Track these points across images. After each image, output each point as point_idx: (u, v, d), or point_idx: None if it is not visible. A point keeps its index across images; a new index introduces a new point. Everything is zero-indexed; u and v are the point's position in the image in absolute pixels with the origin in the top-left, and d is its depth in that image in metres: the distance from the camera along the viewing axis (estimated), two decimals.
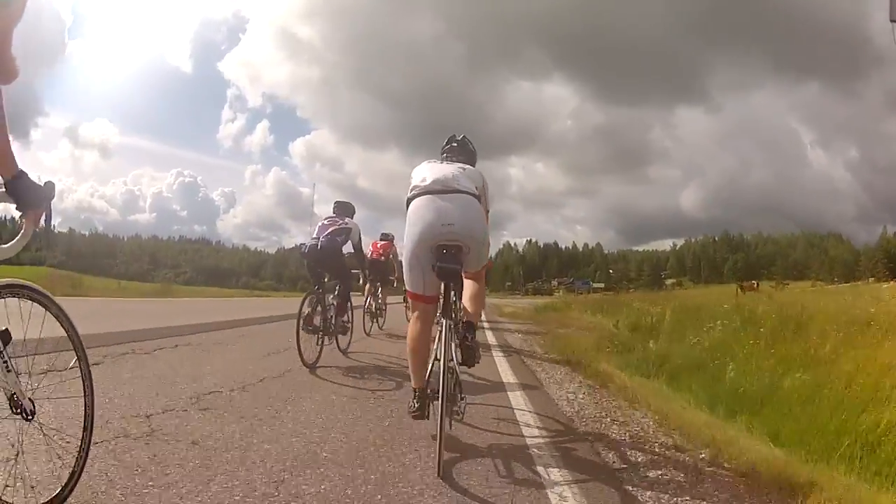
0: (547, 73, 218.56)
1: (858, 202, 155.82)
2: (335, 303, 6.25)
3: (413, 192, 3.29)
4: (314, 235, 6.28)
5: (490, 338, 10.03)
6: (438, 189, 3.23)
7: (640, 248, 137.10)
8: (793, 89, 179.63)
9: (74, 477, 1.96)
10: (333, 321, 6.17)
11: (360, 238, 6.56)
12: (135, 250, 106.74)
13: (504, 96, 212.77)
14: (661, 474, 3.04)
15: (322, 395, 4.37)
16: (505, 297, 66.38)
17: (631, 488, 2.81)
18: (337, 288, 6.40)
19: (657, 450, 3.52)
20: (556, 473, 2.90)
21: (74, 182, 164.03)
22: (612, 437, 3.75)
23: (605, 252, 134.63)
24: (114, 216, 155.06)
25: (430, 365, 3.12)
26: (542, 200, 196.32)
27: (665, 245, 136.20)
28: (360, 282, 8.14)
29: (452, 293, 3.26)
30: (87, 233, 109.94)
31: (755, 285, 41.28)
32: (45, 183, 1.74)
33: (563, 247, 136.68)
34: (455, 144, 3.76)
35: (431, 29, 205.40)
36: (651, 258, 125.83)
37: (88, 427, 2.00)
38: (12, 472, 1.82)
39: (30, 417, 1.78)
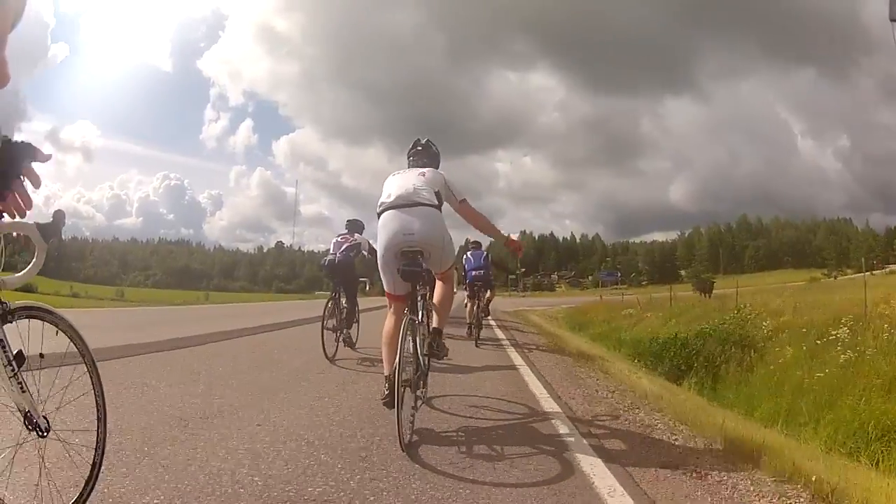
0: (532, 63, 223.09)
1: (849, 191, 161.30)
2: (346, 307, 7.68)
3: (381, 206, 4.08)
4: (331, 252, 7.80)
5: None
6: (401, 203, 4.01)
7: (637, 240, 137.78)
8: (783, 78, 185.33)
9: (89, 486, 2.16)
10: (346, 323, 7.62)
11: (369, 250, 7.60)
12: (105, 254, 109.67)
13: (489, 88, 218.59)
14: None
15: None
16: (503, 296, 65.59)
17: None
18: (346, 294, 7.76)
19: None
20: None
21: (61, 188, 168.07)
22: None
23: (607, 244, 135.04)
24: (100, 221, 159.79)
25: (399, 354, 3.55)
26: (530, 195, 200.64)
27: (652, 238, 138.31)
28: (367, 288, 9.32)
29: (419, 292, 4.08)
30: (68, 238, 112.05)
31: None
32: (55, 212, 1.91)
33: (561, 238, 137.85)
34: (420, 148, 4.55)
35: (412, 20, 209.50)
36: (657, 249, 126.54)
37: (100, 450, 2.19)
38: (36, 487, 2.01)
39: (44, 434, 1.96)
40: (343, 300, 7.69)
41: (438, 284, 4.39)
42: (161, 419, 3.80)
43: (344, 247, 7.75)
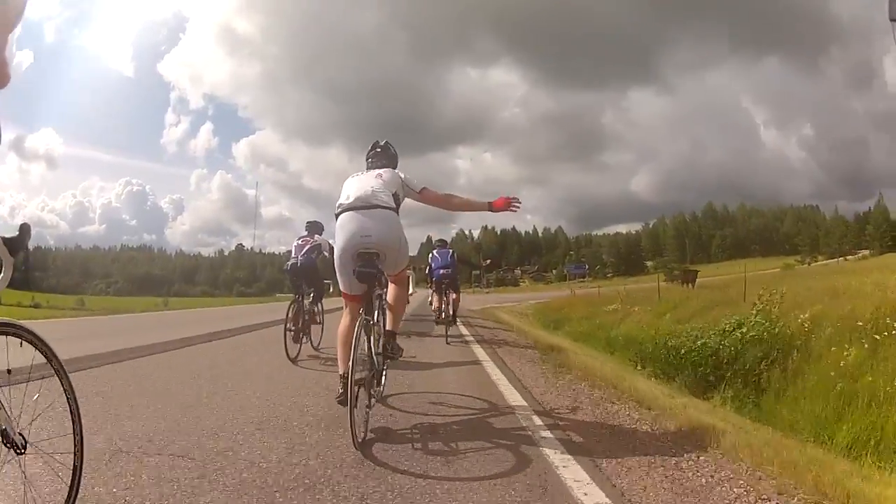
0: (494, 59, 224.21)
1: (814, 179, 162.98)
2: (310, 308, 8.08)
3: (339, 208, 4.24)
4: (293, 255, 8.07)
5: None
6: (359, 205, 4.17)
7: (600, 233, 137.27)
8: (748, 68, 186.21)
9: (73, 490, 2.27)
10: (311, 324, 8.03)
11: (329, 250, 7.70)
12: (67, 263, 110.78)
13: (451, 85, 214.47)
14: None
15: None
16: (467, 292, 63.47)
17: None
18: (311, 296, 8.16)
19: None
20: None
21: (25, 198, 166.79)
22: None
23: (570, 237, 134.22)
24: (64, 229, 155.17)
25: (353, 355, 3.64)
26: (491, 191, 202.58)
27: (615, 230, 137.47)
28: (331, 290, 9.25)
29: (374, 293, 4.24)
30: (32, 248, 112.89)
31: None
32: (21, 225, 2.04)
33: (524, 232, 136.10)
34: (378, 150, 4.74)
35: (374, 18, 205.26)
36: (621, 241, 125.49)
37: (78, 465, 2.26)
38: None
39: (21, 451, 2.02)
40: (306, 302, 8.02)
41: (392, 286, 4.53)
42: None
43: (305, 249, 8.04)
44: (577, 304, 28.01)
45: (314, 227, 8.36)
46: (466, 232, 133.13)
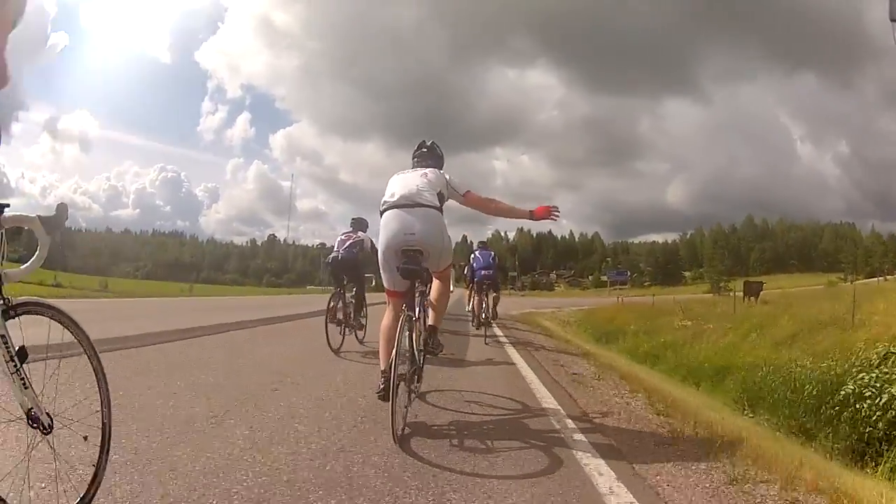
0: (532, 60, 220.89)
1: (847, 197, 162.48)
2: (353, 301, 8.10)
3: (384, 205, 4.25)
4: (336, 249, 8.16)
5: None
6: (404, 203, 4.17)
7: (635, 241, 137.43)
8: (784, 82, 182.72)
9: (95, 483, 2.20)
10: (353, 316, 8.03)
11: (371, 247, 7.75)
12: (96, 244, 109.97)
13: (488, 85, 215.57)
14: None
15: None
16: (502, 294, 62.47)
17: None
18: (354, 290, 8.19)
19: None
20: None
21: (58, 178, 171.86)
22: None
23: (606, 243, 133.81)
24: (97, 212, 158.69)
25: (396, 349, 3.64)
26: (527, 194, 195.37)
27: (648, 239, 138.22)
28: (373, 284, 9.15)
29: (417, 290, 4.20)
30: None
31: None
32: (59, 205, 2.05)
33: (560, 236, 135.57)
34: (425, 150, 4.73)
35: (414, 14, 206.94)
36: (658, 250, 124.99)
37: (106, 437, 2.22)
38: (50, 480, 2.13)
39: (47, 431, 1.97)
40: (348, 295, 8.03)
41: (435, 283, 4.54)
42: None
43: (347, 244, 8.07)
44: (627, 315, 25.49)
45: (359, 224, 8.41)
46: (502, 233, 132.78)
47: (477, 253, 11.45)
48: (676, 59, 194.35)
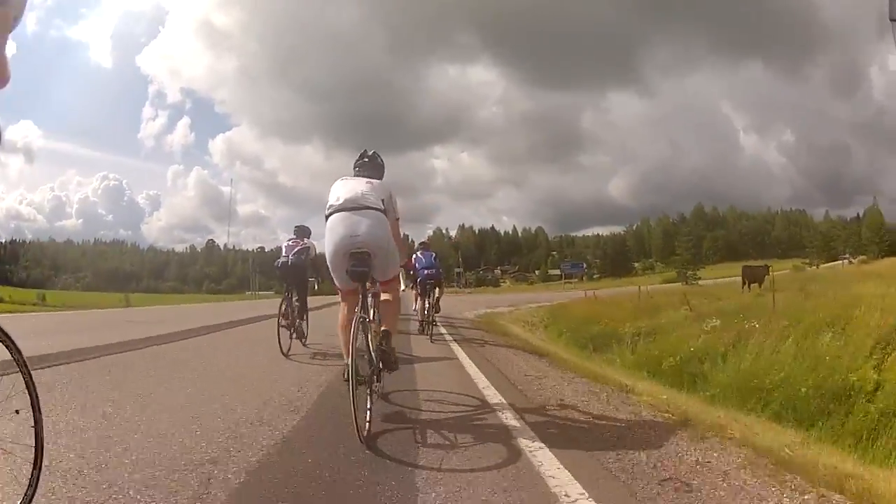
0: (473, 57, 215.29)
1: (794, 185, 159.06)
2: (298, 305, 8.63)
3: (330, 209, 4.42)
4: (283, 255, 8.73)
5: None
6: (350, 206, 4.35)
7: (579, 235, 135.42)
8: (729, 72, 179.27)
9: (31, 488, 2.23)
10: (296, 321, 8.53)
11: (315, 254, 8.56)
12: (38, 256, 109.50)
13: (429, 83, 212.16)
14: None
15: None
16: (447, 293, 57.77)
17: None
18: (297, 294, 8.73)
19: None
20: None
21: (4, 190, 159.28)
22: None
23: (551, 238, 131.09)
24: (42, 223, 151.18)
25: (352, 351, 3.85)
26: (468, 191, 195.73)
27: (593, 232, 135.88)
28: (315, 288, 9.52)
29: (369, 291, 4.52)
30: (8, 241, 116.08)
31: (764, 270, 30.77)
32: None
33: (503, 232, 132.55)
34: (366, 160, 4.94)
35: (354, 15, 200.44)
36: (606, 241, 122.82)
37: (39, 451, 2.23)
38: None
39: None
40: (294, 299, 8.56)
41: (384, 296, 4.74)
42: None
43: (295, 250, 8.63)
44: (612, 311, 20.98)
45: (302, 231, 9.09)
46: (444, 230, 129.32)
47: (419, 254, 11.89)
48: (621, 51, 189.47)
